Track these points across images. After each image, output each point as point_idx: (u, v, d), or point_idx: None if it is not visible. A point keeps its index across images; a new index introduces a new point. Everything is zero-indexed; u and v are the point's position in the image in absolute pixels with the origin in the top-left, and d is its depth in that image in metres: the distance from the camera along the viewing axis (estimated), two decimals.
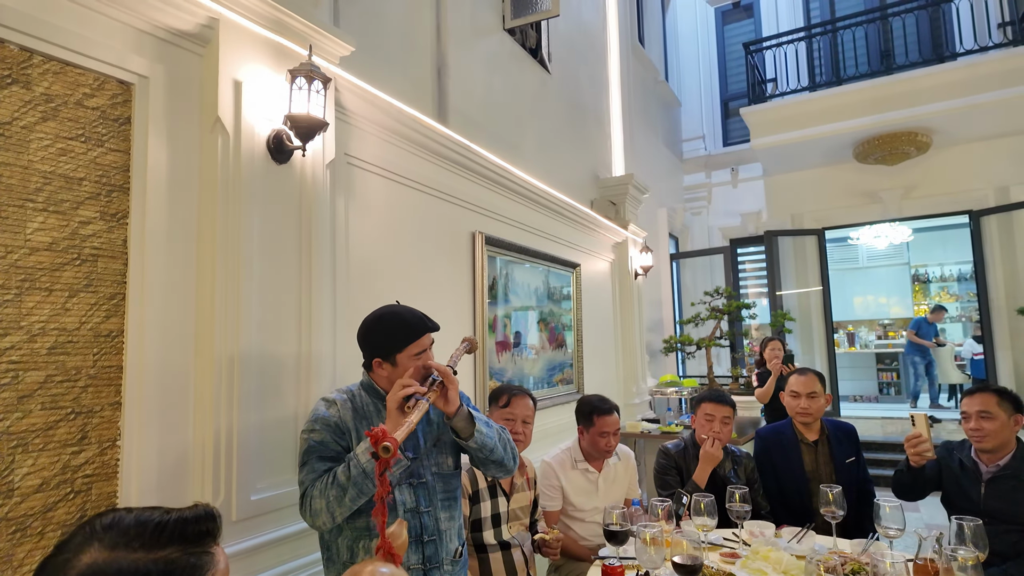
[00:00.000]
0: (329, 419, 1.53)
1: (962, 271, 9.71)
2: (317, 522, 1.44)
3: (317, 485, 1.43)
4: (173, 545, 0.67)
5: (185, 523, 0.69)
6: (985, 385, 2.26)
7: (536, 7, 3.92)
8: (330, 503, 1.40)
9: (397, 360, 1.56)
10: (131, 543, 0.65)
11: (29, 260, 1.42)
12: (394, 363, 1.56)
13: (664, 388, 5.58)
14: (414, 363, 1.55)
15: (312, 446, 1.50)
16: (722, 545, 2.07)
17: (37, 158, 1.45)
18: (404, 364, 1.56)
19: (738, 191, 8.72)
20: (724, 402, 2.52)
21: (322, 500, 1.41)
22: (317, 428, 1.52)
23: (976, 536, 1.59)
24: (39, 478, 1.42)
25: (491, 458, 1.59)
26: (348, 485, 1.38)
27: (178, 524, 0.69)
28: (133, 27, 1.63)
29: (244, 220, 1.79)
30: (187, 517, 0.71)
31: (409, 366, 1.55)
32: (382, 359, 1.58)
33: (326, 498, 1.40)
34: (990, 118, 6.19)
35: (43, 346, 1.44)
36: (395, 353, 1.56)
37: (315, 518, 1.43)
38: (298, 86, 1.87)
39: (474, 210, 3.20)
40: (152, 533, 0.66)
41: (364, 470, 1.38)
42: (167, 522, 0.68)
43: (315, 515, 1.43)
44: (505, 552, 2.10)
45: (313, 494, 1.43)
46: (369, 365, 1.63)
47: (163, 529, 0.67)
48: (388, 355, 1.57)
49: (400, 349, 1.56)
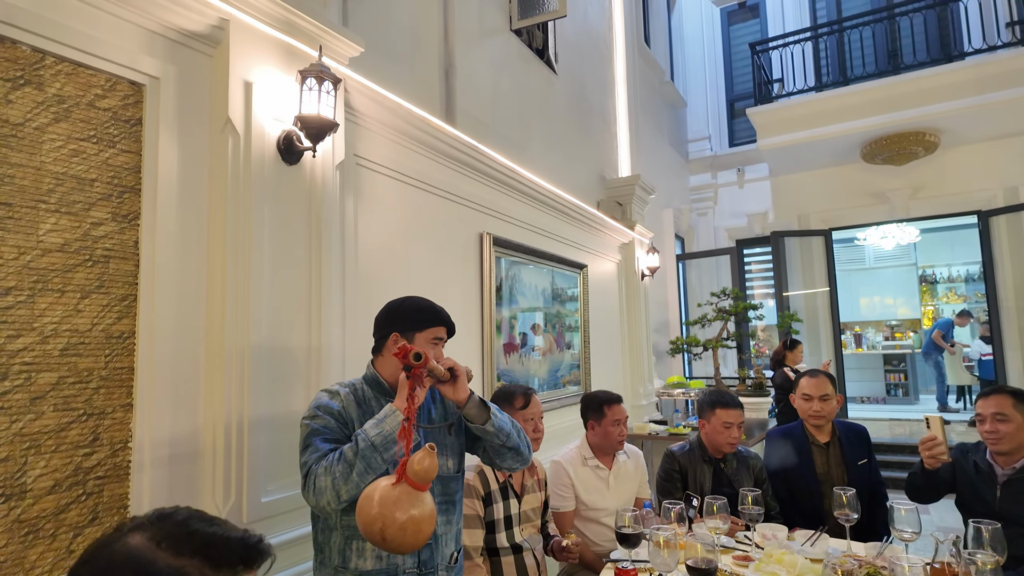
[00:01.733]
0: (332, 407, 1.49)
1: (969, 272, 9.65)
2: (321, 501, 1.36)
3: (322, 463, 1.37)
4: (198, 558, 0.65)
5: (220, 540, 0.67)
6: (1000, 387, 2.23)
7: (543, 8, 3.92)
8: (336, 480, 1.34)
9: (415, 339, 1.55)
10: (164, 541, 0.64)
11: (41, 261, 1.42)
12: (411, 341, 1.55)
13: (671, 389, 5.56)
14: (430, 348, 1.54)
15: (315, 429, 1.45)
16: (734, 548, 2.05)
17: (49, 159, 1.45)
18: (421, 346, 1.54)
19: (744, 192, 8.69)
20: (736, 405, 2.50)
21: (327, 477, 1.34)
22: (320, 414, 1.47)
23: (994, 540, 1.57)
24: (51, 480, 1.42)
25: (508, 444, 1.57)
26: (355, 460, 1.34)
27: (210, 538, 0.66)
28: (144, 28, 1.63)
29: (254, 221, 1.78)
30: (226, 536, 0.68)
31: (425, 349, 1.53)
32: (401, 334, 1.56)
33: (331, 475, 1.34)
34: (999, 118, 6.15)
35: (55, 347, 1.44)
36: (415, 331, 1.55)
37: (319, 497, 1.36)
38: (308, 87, 1.86)
39: (481, 211, 3.19)
40: (186, 539, 0.65)
41: (373, 443, 1.35)
42: (202, 532, 0.66)
43: (319, 494, 1.36)
44: (517, 556, 2.09)
45: (317, 472, 1.37)
46: (380, 347, 1.60)
47: (194, 538, 0.65)
48: (408, 330, 1.56)
49: (421, 328, 1.56)
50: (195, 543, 0.65)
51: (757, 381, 5.65)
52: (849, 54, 6.99)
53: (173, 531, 0.66)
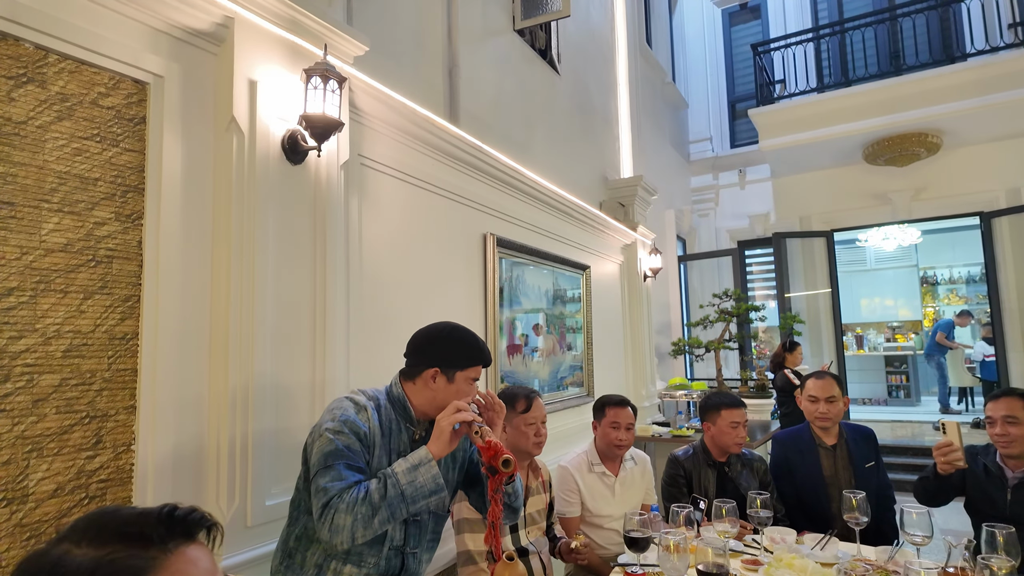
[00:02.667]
0: (359, 427, 1.39)
1: (971, 273, 9.64)
2: (335, 539, 1.25)
3: (345, 498, 1.26)
4: (122, 542, 0.62)
5: (138, 518, 0.65)
6: (1010, 389, 2.21)
7: (546, 8, 3.90)
8: (356, 522, 1.24)
9: (456, 377, 1.47)
10: (83, 540, 0.62)
11: (44, 262, 1.40)
12: (451, 379, 1.47)
13: (673, 391, 5.54)
14: (468, 388, 1.48)
15: (340, 449, 1.33)
16: (743, 552, 2.03)
17: (52, 158, 1.43)
18: (459, 385, 1.47)
19: (746, 193, 8.68)
20: (740, 404, 2.49)
21: (348, 516, 1.24)
22: (345, 431, 1.35)
23: (1009, 543, 1.55)
24: (54, 483, 1.40)
25: (513, 504, 1.53)
26: (381, 505, 1.25)
27: (127, 519, 0.64)
28: (148, 26, 1.62)
29: (259, 221, 1.76)
30: (145, 512, 0.66)
31: (463, 389, 1.47)
32: (441, 370, 1.47)
33: (354, 515, 1.24)
34: (1001, 119, 6.14)
35: (58, 349, 1.42)
36: (457, 368, 1.47)
37: (334, 535, 1.25)
38: (313, 86, 1.84)
39: (485, 211, 3.17)
40: (103, 529, 0.63)
41: (403, 492, 1.25)
42: (119, 517, 0.64)
43: (335, 531, 1.24)
44: (523, 559, 2.07)
45: (339, 507, 1.25)
46: (414, 373, 1.50)
47: (111, 525, 0.63)
48: (450, 368, 1.47)
49: (464, 367, 1.48)
50: (113, 529, 0.63)
51: (759, 383, 5.64)
52: (851, 55, 6.98)
53: (88, 527, 0.63)
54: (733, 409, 2.46)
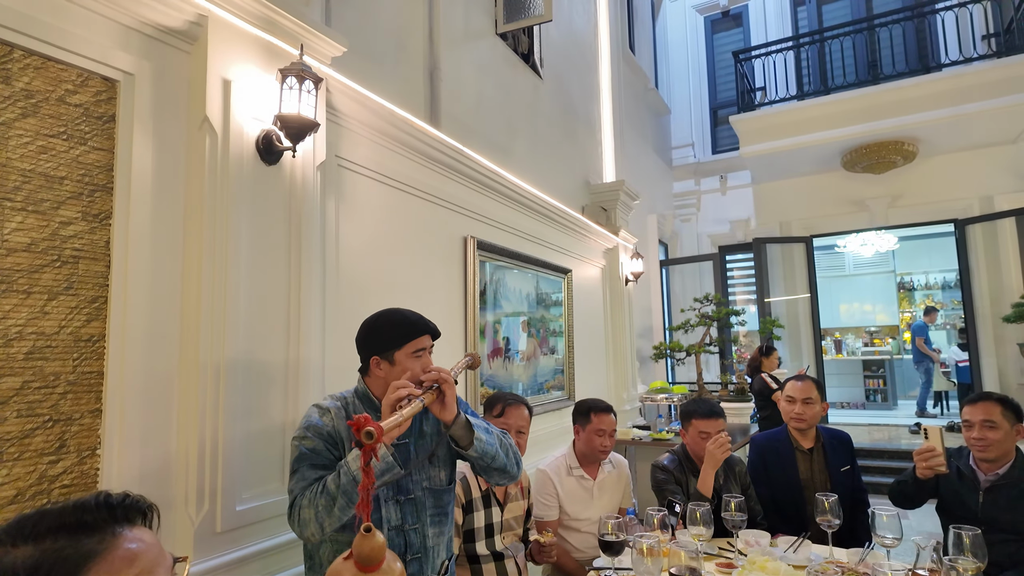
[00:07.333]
0: (322, 428, 1.46)
1: (946, 279, 9.82)
2: (306, 532, 1.36)
3: (306, 494, 1.37)
4: (60, 536, 0.63)
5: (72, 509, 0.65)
6: (988, 393, 2.22)
7: (528, 12, 3.91)
8: (319, 513, 1.33)
9: (395, 358, 1.50)
10: (17, 540, 0.62)
11: (6, 261, 1.37)
12: (392, 361, 1.51)
13: (654, 395, 5.56)
14: (413, 363, 1.50)
15: (304, 453, 1.43)
16: (717, 555, 2.04)
17: (16, 155, 1.40)
18: (402, 363, 1.50)
19: (727, 198, 8.77)
20: (716, 415, 2.42)
21: (311, 510, 1.34)
22: (309, 435, 1.45)
23: (975, 545, 1.57)
24: (14, 489, 1.36)
25: (493, 465, 1.53)
26: (337, 494, 1.32)
27: (62, 512, 0.65)
28: (118, 23, 1.59)
29: (232, 222, 1.74)
30: (79, 502, 0.66)
31: (408, 366, 1.50)
32: (380, 356, 1.52)
33: (315, 507, 1.34)
34: (975, 128, 6.28)
35: (20, 351, 1.38)
36: (394, 350, 1.51)
37: (303, 528, 1.36)
38: (289, 86, 1.83)
39: (466, 214, 3.16)
40: (37, 525, 0.63)
41: (355, 477, 1.31)
42: (53, 512, 0.65)
43: (303, 525, 1.36)
44: (499, 563, 2.06)
45: (302, 503, 1.36)
46: (366, 368, 1.57)
47: (45, 520, 0.64)
48: (386, 352, 1.51)
49: (399, 346, 1.51)
50: (50, 524, 0.63)
51: (739, 386, 5.68)
52: (830, 64, 7.09)
53: (22, 526, 0.63)
54: (701, 420, 2.40)
